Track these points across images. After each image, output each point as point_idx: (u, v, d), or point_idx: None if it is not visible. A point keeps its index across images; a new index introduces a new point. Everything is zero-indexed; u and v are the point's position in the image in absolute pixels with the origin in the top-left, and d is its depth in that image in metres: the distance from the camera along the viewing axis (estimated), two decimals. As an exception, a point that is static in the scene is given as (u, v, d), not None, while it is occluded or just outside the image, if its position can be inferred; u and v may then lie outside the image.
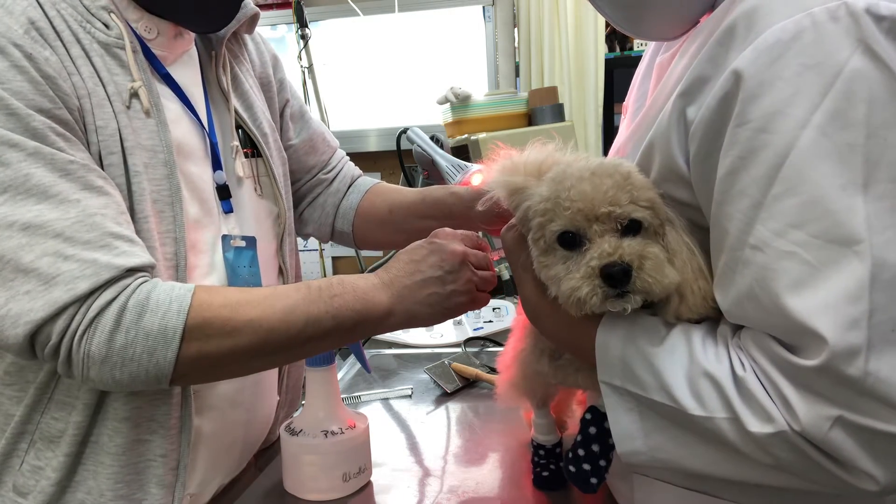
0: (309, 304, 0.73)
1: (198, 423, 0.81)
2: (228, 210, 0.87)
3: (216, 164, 0.86)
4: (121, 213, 0.71)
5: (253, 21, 0.96)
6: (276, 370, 0.98)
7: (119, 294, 0.66)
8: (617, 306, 0.60)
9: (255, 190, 0.93)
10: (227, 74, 0.92)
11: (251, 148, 0.94)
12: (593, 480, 0.69)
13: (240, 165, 0.90)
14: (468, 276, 0.79)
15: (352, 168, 1.16)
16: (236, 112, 0.91)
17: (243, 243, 0.87)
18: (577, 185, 0.62)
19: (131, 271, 0.68)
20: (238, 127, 0.92)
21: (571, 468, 0.70)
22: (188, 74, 0.87)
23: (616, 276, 0.58)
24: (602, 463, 0.69)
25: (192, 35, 0.88)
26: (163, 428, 0.76)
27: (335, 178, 1.13)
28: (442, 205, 1.00)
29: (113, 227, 0.68)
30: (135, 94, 0.76)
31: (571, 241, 0.62)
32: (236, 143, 0.90)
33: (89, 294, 0.65)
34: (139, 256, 0.69)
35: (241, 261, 0.86)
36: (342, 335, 0.76)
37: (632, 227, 0.61)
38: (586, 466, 0.69)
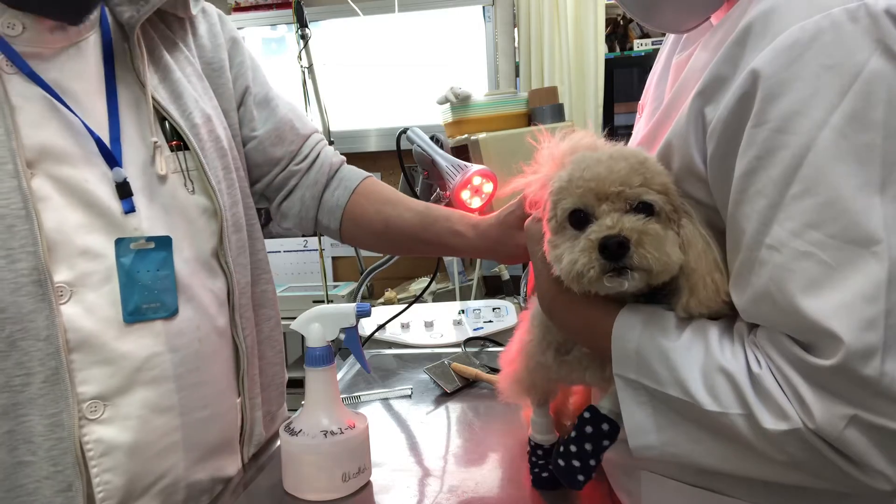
0: None
1: (108, 433, 0.77)
2: (129, 210, 0.80)
3: (112, 162, 0.80)
4: None
5: (182, 2, 0.90)
6: (231, 372, 0.92)
7: None
8: (614, 283, 0.60)
9: (185, 185, 0.87)
10: (143, 63, 0.84)
11: (179, 140, 0.87)
12: (580, 477, 0.68)
13: (161, 162, 0.84)
14: None
15: (330, 154, 1.10)
16: (159, 103, 0.85)
17: (152, 245, 0.81)
18: (593, 166, 0.63)
19: None
20: (164, 119, 0.86)
21: (561, 462, 0.69)
22: (76, 69, 0.79)
23: (611, 249, 0.58)
24: (592, 462, 0.68)
25: (88, 24, 0.80)
26: (42, 449, 0.73)
27: (311, 167, 1.07)
28: (444, 241, 1.00)
29: None
30: None
31: (581, 220, 0.63)
32: (155, 138, 0.84)
33: None
34: None
35: (144, 265, 0.80)
36: None
37: (642, 210, 0.61)
38: (576, 463, 0.68)
